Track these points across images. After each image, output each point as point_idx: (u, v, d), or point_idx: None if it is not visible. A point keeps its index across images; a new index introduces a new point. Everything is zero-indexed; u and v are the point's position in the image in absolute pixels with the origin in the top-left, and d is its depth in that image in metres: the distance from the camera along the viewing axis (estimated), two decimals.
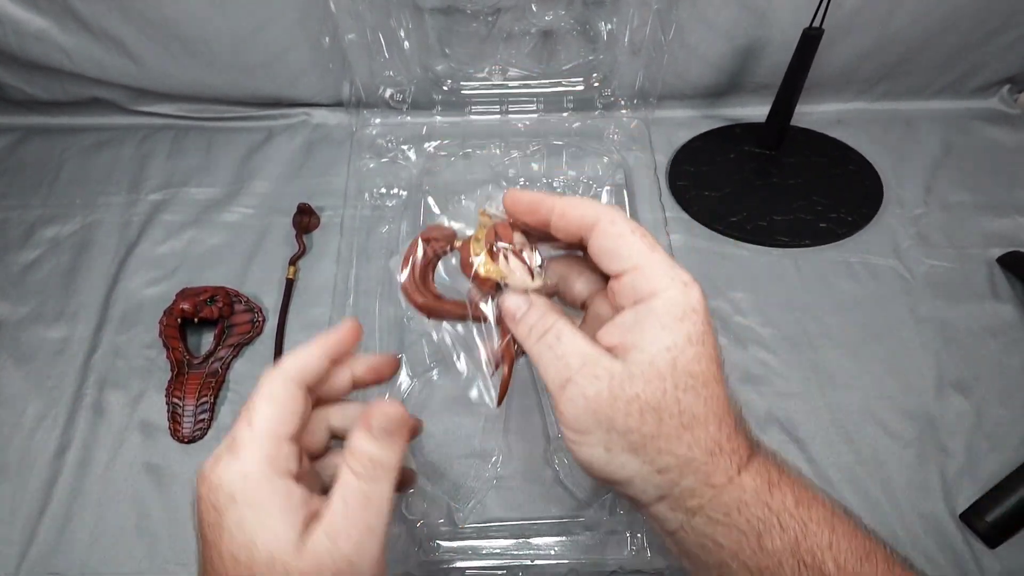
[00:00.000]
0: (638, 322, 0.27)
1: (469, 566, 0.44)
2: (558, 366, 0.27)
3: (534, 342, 0.29)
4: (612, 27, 0.65)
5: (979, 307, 0.58)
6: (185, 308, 0.54)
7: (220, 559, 0.26)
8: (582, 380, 0.27)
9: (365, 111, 0.71)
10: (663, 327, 0.27)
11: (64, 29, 0.65)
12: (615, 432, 0.26)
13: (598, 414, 0.26)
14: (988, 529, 0.46)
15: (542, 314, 0.30)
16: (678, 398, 0.26)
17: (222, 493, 0.27)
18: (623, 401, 0.26)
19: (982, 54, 0.69)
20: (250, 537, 0.26)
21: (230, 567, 0.26)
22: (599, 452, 0.27)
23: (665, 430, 0.26)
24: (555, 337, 0.28)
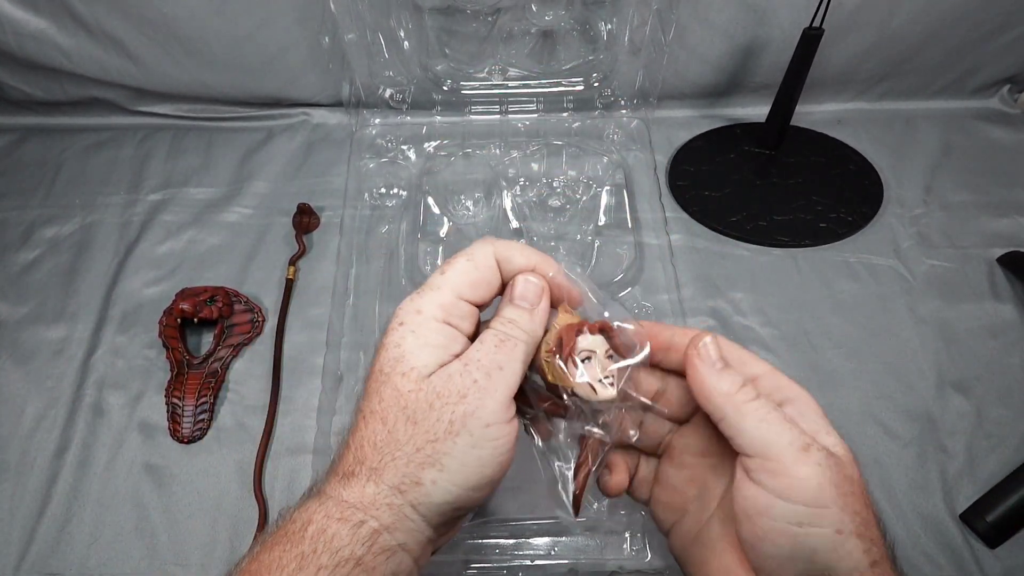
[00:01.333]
0: (800, 414, 0.28)
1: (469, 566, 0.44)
2: (794, 430, 0.26)
3: (752, 398, 0.27)
4: (612, 27, 0.65)
5: (979, 307, 0.58)
6: (185, 308, 0.54)
7: (372, 374, 0.29)
8: (820, 449, 0.26)
9: (365, 111, 0.71)
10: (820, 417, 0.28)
11: (63, 29, 0.65)
12: (848, 511, 0.25)
13: (840, 487, 0.25)
14: (988, 529, 0.46)
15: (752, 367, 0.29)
16: (863, 485, 0.27)
17: (396, 318, 0.30)
18: (847, 478, 0.26)
19: (982, 54, 0.69)
20: (401, 352, 0.28)
21: (375, 379, 0.29)
22: (828, 535, 0.25)
23: (871, 517, 0.26)
24: (777, 402, 0.28)
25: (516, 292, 0.31)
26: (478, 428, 0.27)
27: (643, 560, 0.44)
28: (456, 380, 0.28)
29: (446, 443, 0.27)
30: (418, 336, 0.29)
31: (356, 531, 0.26)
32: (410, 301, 0.30)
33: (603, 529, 0.46)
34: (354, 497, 0.27)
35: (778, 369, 0.30)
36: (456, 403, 0.27)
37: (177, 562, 0.46)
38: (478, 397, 0.28)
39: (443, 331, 0.29)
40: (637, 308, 0.57)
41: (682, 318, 0.56)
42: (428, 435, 0.27)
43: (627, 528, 0.46)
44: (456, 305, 0.30)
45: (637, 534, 0.45)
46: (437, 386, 0.28)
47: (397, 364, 0.28)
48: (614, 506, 0.46)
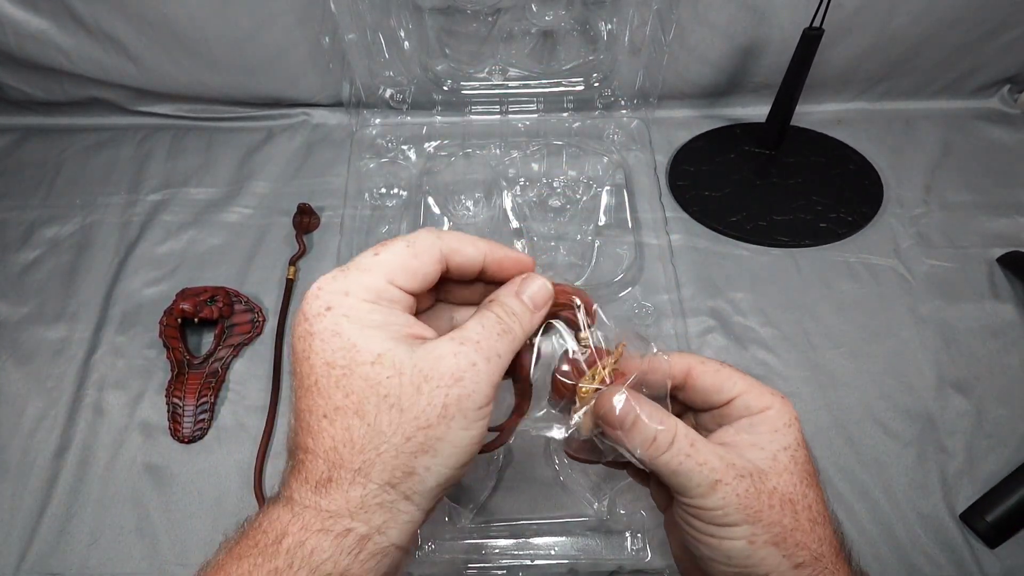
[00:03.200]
0: (752, 426, 0.29)
1: (469, 566, 0.44)
2: (703, 471, 0.27)
3: (663, 451, 0.28)
4: (612, 27, 0.65)
5: (979, 307, 0.58)
6: (185, 308, 0.54)
7: (311, 370, 0.26)
8: (731, 480, 0.27)
9: (365, 111, 0.71)
10: (775, 431, 0.29)
11: (63, 29, 0.65)
12: (760, 525, 0.27)
13: (748, 509, 0.27)
14: (988, 529, 0.46)
15: (660, 419, 0.29)
16: (804, 492, 0.28)
17: (318, 301, 0.26)
18: (766, 494, 0.27)
19: (982, 54, 0.69)
20: (349, 340, 0.26)
21: (323, 374, 0.26)
22: (741, 545, 0.27)
23: (799, 524, 0.28)
24: (688, 444, 0.28)
25: (527, 291, 0.30)
26: (471, 411, 0.26)
27: (643, 560, 0.45)
28: (449, 361, 0.26)
29: (439, 428, 0.25)
30: (352, 319, 0.26)
31: (340, 541, 0.24)
32: (333, 279, 0.27)
33: (603, 529, 0.46)
34: (336, 505, 0.25)
35: (757, 382, 0.31)
36: (450, 385, 0.26)
37: (177, 562, 0.46)
38: (475, 380, 0.26)
39: (377, 310, 0.27)
40: (637, 308, 0.57)
41: (682, 318, 0.56)
42: (419, 422, 0.25)
43: (627, 528, 0.46)
44: (386, 289, 0.27)
45: (637, 534, 0.45)
46: (425, 368, 0.26)
47: (354, 354, 0.25)
48: (614, 506, 0.46)
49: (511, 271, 0.31)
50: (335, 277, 0.27)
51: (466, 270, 0.30)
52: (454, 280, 0.31)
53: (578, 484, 0.47)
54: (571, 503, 0.47)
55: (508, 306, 0.29)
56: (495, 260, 0.30)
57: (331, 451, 0.25)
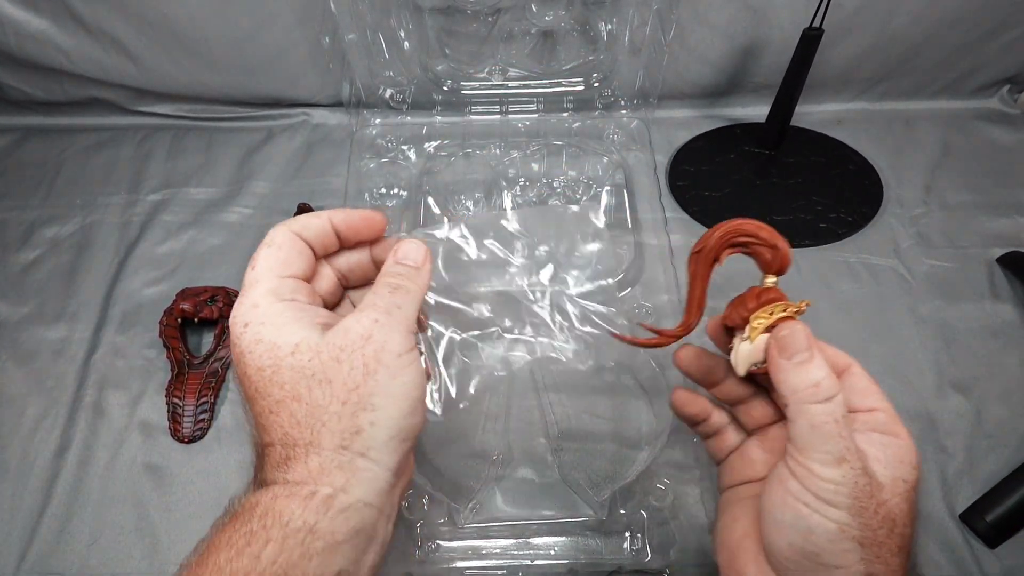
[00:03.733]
0: (882, 445, 0.29)
1: (469, 566, 0.44)
2: (839, 444, 0.28)
3: (818, 400, 0.29)
4: (612, 27, 0.65)
5: (979, 307, 0.58)
6: (185, 308, 0.54)
7: (249, 380, 0.29)
8: (857, 467, 0.28)
9: (365, 111, 0.71)
10: (901, 462, 0.29)
11: (63, 30, 0.65)
12: (858, 520, 0.27)
13: (856, 500, 0.27)
14: (988, 529, 0.46)
15: (829, 372, 0.29)
16: (907, 523, 0.28)
17: (237, 324, 0.30)
18: (876, 501, 0.28)
19: (982, 54, 0.69)
20: (271, 342, 0.28)
21: (257, 379, 0.28)
22: (831, 527, 0.27)
23: (889, 543, 0.28)
24: (842, 413, 0.29)
25: (400, 253, 0.32)
26: (391, 359, 0.28)
27: (643, 560, 0.45)
28: (355, 327, 0.29)
29: (368, 384, 0.28)
30: (269, 325, 0.29)
31: (307, 502, 0.27)
32: (239, 305, 0.30)
33: (603, 529, 0.46)
34: (299, 475, 0.27)
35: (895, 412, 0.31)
36: (363, 346, 0.28)
37: (178, 562, 0.46)
38: (383, 333, 0.29)
39: (287, 307, 0.30)
40: (637, 308, 0.57)
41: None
42: (347, 385, 0.28)
43: (627, 528, 0.46)
44: (282, 284, 0.30)
45: (637, 534, 0.45)
46: (336, 341, 0.28)
47: (276, 352, 0.28)
48: (614, 506, 0.46)
49: (363, 229, 0.34)
50: (240, 301, 0.30)
51: (325, 240, 0.33)
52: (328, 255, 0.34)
53: (578, 484, 0.47)
54: (571, 503, 0.47)
55: (391, 272, 0.32)
56: (343, 222, 0.33)
57: (283, 436, 0.28)
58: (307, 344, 0.28)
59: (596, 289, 0.42)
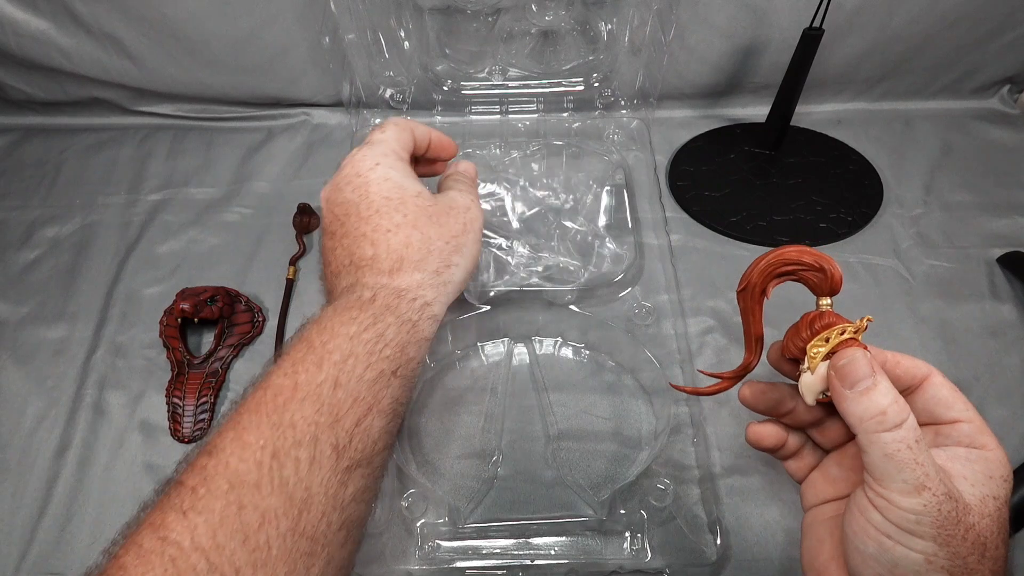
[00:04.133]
0: (969, 460, 0.29)
1: (469, 566, 0.44)
2: (916, 472, 0.27)
3: (886, 428, 0.28)
4: (612, 27, 0.65)
5: (979, 307, 0.58)
6: (185, 308, 0.54)
7: (372, 203, 0.38)
8: (939, 494, 0.27)
9: (365, 111, 0.71)
10: (991, 476, 0.28)
11: (63, 30, 0.65)
12: (946, 549, 0.26)
13: (942, 529, 0.26)
14: None
15: (896, 396, 0.28)
16: (998, 544, 0.27)
17: (368, 159, 0.39)
18: (964, 526, 0.27)
19: (982, 54, 0.69)
20: (399, 182, 0.39)
21: (383, 203, 0.38)
22: (917, 559, 0.27)
23: (982, 568, 0.27)
24: (915, 439, 0.28)
25: (462, 167, 0.47)
26: (477, 228, 0.42)
27: (643, 560, 0.45)
28: (459, 199, 0.42)
29: (463, 237, 0.40)
30: (396, 170, 0.39)
31: (412, 303, 0.36)
32: (369, 149, 0.40)
33: (603, 529, 0.46)
34: (404, 283, 0.37)
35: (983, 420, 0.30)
36: (465, 211, 0.41)
37: None
38: (476, 210, 0.43)
39: (405, 168, 0.40)
40: (637, 308, 0.57)
41: (682, 318, 0.56)
42: (452, 231, 0.39)
43: (627, 528, 0.46)
44: (400, 152, 0.41)
45: (637, 534, 0.45)
46: (448, 202, 0.41)
47: (404, 191, 0.38)
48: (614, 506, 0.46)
49: (444, 150, 0.47)
50: (370, 148, 0.40)
51: (420, 144, 0.44)
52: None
53: (578, 484, 0.47)
54: (571, 503, 0.47)
55: (461, 177, 0.46)
56: (437, 139, 0.45)
57: (395, 252, 0.37)
58: (427, 194, 0.39)
59: None
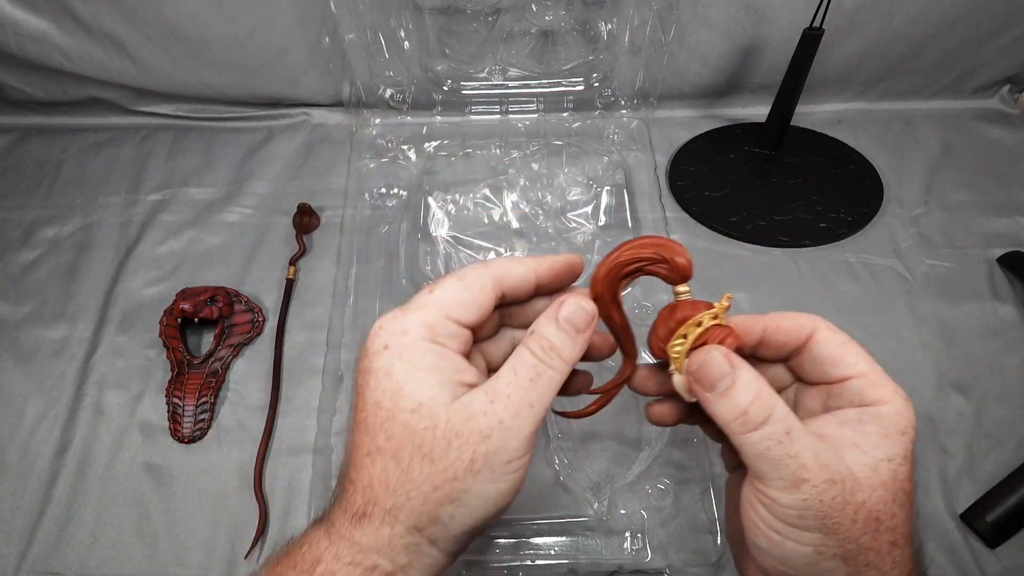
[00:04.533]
0: (862, 423, 0.27)
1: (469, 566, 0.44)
2: (791, 465, 0.25)
3: (751, 428, 0.26)
4: (612, 27, 0.65)
5: (979, 307, 0.58)
6: (185, 308, 0.54)
7: (364, 406, 0.27)
8: (820, 483, 0.25)
9: (365, 111, 0.71)
10: (886, 436, 0.26)
11: (63, 30, 0.65)
12: (835, 537, 0.25)
13: (828, 519, 0.25)
14: (988, 529, 0.46)
15: (758, 390, 0.26)
16: (894, 512, 0.26)
17: (378, 340, 0.28)
18: (852, 507, 0.25)
19: (982, 54, 0.69)
20: (397, 383, 0.27)
21: (371, 413, 0.27)
22: (806, 552, 0.26)
23: (877, 544, 0.26)
24: (783, 430, 0.26)
25: (563, 313, 0.28)
26: (499, 465, 0.26)
27: (643, 560, 0.45)
28: (479, 420, 0.26)
29: (466, 481, 0.26)
30: (406, 360, 0.27)
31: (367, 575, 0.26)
32: (393, 319, 0.28)
33: (603, 529, 0.46)
34: (368, 540, 0.26)
35: (882, 371, 0.28)
36: (478, 443, 0.26)
37: (177, 562, 0.46)
38: (502, 437, 0.26)
39: (432, 350, 0.27)
40: (637, 308, 0.57)
41: None
42: (447, 474, 0.26)
43: (627, 528, 0.46)
44: (443, 324, 0.28)
45: (637, 534, 0.45)
46: (456, 424, 0.26)
47: (399, 399, 0.27)
48: (614, 506, 0.46)
49: (564, 275, 0.31)
50: (395, 316, 0.28)
51: (521, 290, 0.30)
52: (512, 303, 0.31)
53: (578, 484, 0.47)
54: (571, 503, 0.47)
55: (545, 339, 0.28)
56: (546, 271, 0.30)
57: (368, 488, 0.27)
58: (429, 409, 0.26)
59: None
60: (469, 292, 0.28)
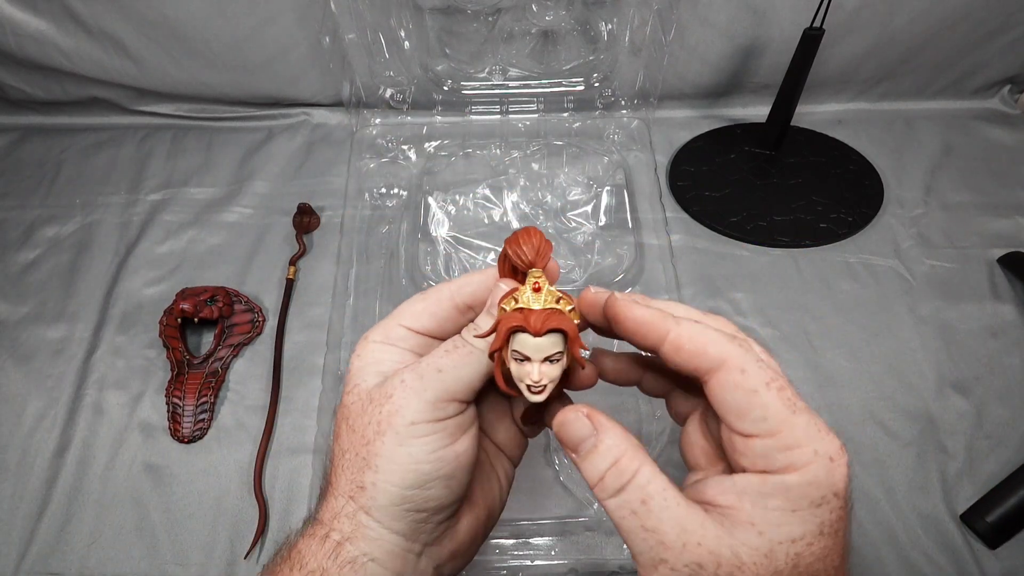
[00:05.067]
0: (763, 495, 0.22)
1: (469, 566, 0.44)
2: (648, 541, 0.22)
3: (608, 496, 0.24)
4: (612, 27, 0.65)
5: (979, 307, 0.58)
6: (185, 308, 0.54)
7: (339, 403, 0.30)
8: (681, 567, 0.22)
9: (365, 111, 0.71)
10: (794, 511, 0.22)
11: (63, 30, 0.65)
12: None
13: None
14: (988, 529, 0.46)
15: (618, 455, 0.24)
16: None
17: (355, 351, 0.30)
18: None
19: (982, 54, 0.69)
20: (353, 378, 0.29)
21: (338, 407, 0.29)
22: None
23: None
24: (640, 501, 0.23)
25: (489, 300, 0.29)
26: (402, 426, 0.26)
27: None
28: (387, 384, 0.28)
29: (375, 444, 0.27)
30: (361, 358, 0.29)
31: (322, 544, 0.27)
32: (367, 333, 0.30)
33: (603, 529, 0.46)
34: (323, 513, 0.28)
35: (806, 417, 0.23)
36: (382, 404, 0.27)
37: (177, 562, 0.46)
38: (403, 396, 0.27)
39: (381, 349, 0.29)
40: None
41: None
42: (363, 439, 0.27)
43: None
44: (395, 329, 0.30)
45: None
46: (372, 393, 0.28)
47: (346, 386, 0.29)
48: None
49: None
50: (371, 330, 0.30)
51: (484, 296, 0.29)
52: None
53: (578, 484, 0.47)
54: (571, 503, 0.47)
55: (471, 326, 0.29)
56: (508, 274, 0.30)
57: (325, 470, 0.29)
58: (361, 389, 0.28)
59: None
60: (424, 303, 0.30)
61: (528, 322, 0.25)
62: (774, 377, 0.23)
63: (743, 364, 0.23)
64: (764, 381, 0.23)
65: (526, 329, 0.25)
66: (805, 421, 0.23)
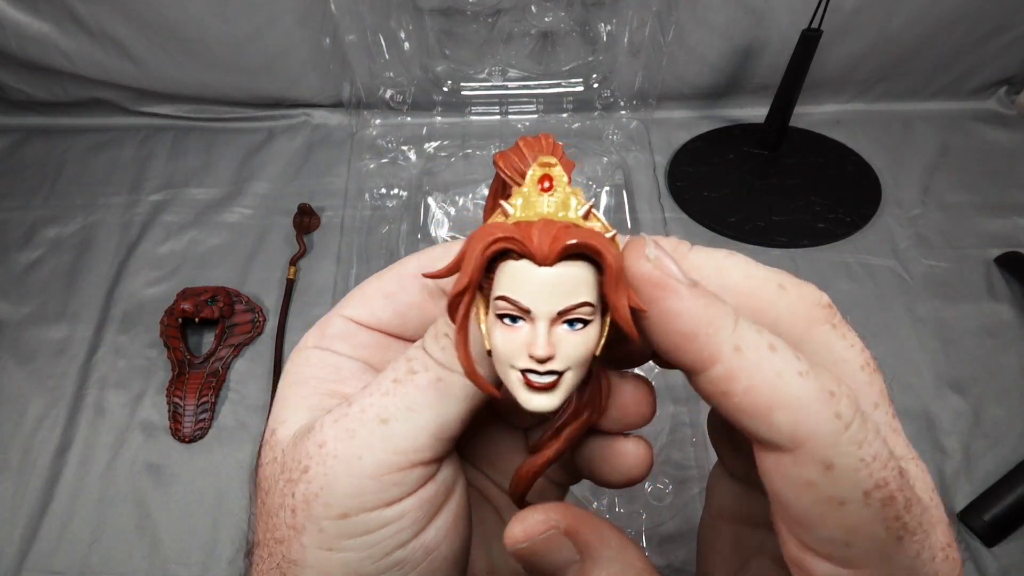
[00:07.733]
0: None
1: None
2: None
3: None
4: (612, 28, 0.65)
5: (976, 307, 0.58)
6: (186, 308, 0.54)
7: None
8: None
9: (365, 112, 0.71)
10: None
11: (64, 32, 0.65)
12: None
13: None
14: (986, 528, 0.46)
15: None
16: None
17: None
18: None
19: (979, 55, 0.69)
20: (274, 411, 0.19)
21: None
22: None
23: None
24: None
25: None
26: (328, 521, 0.16)
27: None
28: (304, 444, 0.17)
29: (292, 546, 0.17)
30: (288, 377, 0.19)
31: None
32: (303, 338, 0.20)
33: None
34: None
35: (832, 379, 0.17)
36: (296, 480, 0.17)
37: (178, 561, 0.46)
38: (325, 471, 0.16)
39: (310, 358, 0.19)
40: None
41: None
42: (275, 532, 0.17)
43: (627, 528, 0.46)
44: (334, 323, 0.19)
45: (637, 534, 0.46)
46: (289, 451, 0.17)
47: (265, 428, 0.19)
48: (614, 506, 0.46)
49: None
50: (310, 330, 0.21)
51: None
52: None
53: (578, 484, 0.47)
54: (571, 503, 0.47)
55: (432, 328, 0.17)
56: None
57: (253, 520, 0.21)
58: (279, 436, 0.18)
59: None
60: (379, 281, 0.20)
61: (528, 235, 0.14)
62: (885, 481, 0.14)
63: (832, 455, 0.14)
64: (863, 489, 0.14)
65: (524, 248, 0.14)
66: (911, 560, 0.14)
